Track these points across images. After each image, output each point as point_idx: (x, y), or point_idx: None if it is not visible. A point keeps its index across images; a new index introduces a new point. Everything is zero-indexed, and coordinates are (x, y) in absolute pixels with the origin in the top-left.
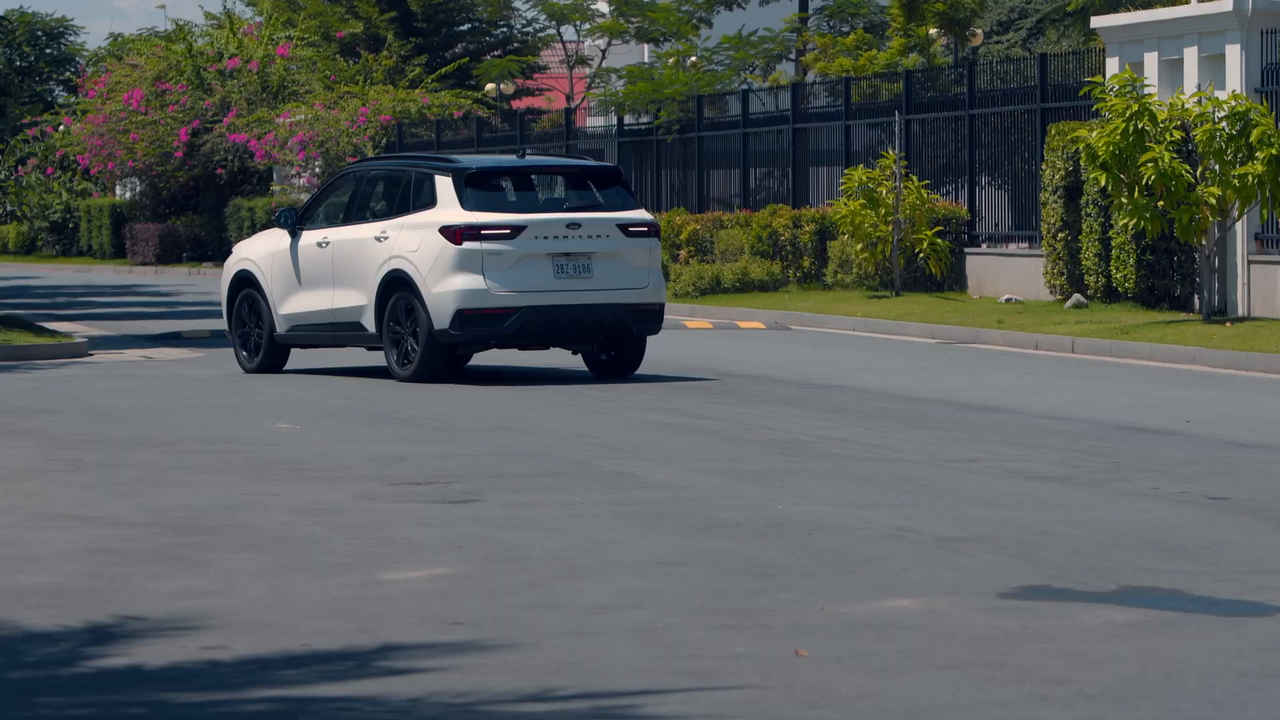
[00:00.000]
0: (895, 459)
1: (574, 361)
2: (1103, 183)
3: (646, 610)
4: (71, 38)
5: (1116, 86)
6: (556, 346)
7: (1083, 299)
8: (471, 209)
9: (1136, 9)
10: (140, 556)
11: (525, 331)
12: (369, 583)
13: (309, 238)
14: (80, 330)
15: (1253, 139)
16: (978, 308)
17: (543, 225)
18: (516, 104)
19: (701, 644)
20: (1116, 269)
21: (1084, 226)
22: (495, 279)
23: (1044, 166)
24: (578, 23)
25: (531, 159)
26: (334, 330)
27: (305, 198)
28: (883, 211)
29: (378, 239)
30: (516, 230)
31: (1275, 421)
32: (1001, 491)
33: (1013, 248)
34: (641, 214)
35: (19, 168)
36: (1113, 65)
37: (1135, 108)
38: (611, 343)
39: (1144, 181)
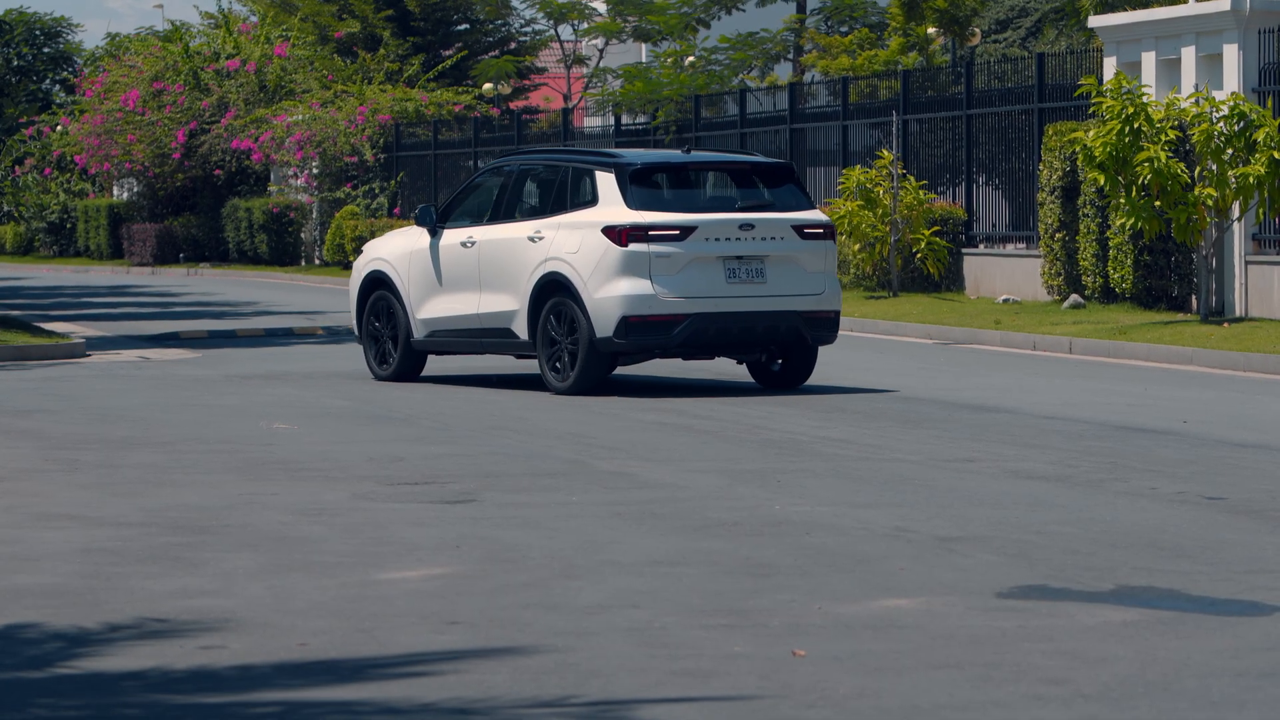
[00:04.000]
0: (892, 459)
1: (739, 372)
2: (1100, 183)
3: (644, 610)
4: (70, 36)
5: (1111, 89)
6: (724, 356)
7: (1080, 299)
8: (636, 208)
9: (1134, 9)
10: (138, 556)
11: (694, 340)
12: (366, 582)
13: (451, 237)
14: (78, 330)
15: (1257, 138)
16: (975, 308)
17: (714, 226)
18: (514, 104)
19: (699, 644)
20: (1114, 269)
21: (1081, 227)
22: (663, 284)
23: (1041, 167)
24: (575, 22)
25: (699, 154)
26: (479, 336)
27: (303, 198)
28: (880, 212)
29: (531, 239)
30: (686, 231)
31: (1273, 421)
32: (999, 491)
33: (1010, 248)
34: (817, 214)
35: (16, 167)
36: (1110, 65)
37: (1131, 109)
38: (782, 352)
39: (1141, 181)
